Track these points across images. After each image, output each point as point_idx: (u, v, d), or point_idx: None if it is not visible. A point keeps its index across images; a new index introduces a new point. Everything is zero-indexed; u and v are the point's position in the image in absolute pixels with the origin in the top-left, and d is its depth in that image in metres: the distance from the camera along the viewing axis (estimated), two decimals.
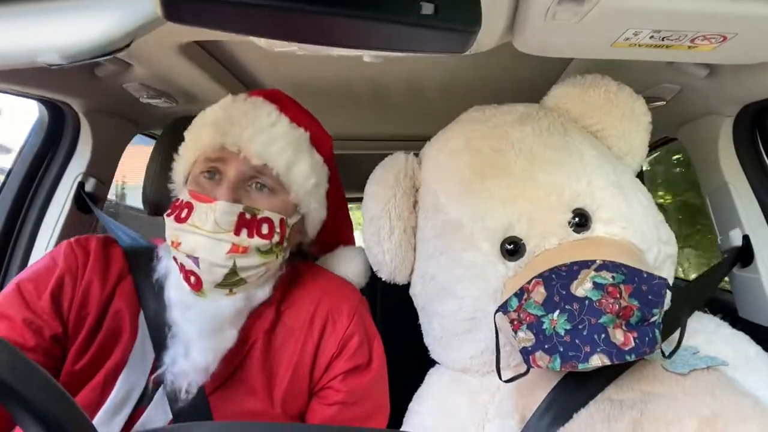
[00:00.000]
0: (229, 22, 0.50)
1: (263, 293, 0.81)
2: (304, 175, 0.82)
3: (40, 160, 1.17)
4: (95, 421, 0.72)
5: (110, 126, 1.23)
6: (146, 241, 0.88)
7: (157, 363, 0.76)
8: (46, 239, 1.13)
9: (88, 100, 1.14)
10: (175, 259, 0.77)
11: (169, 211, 0.78)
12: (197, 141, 0.81)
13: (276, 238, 0.78)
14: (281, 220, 0.79)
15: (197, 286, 0.75)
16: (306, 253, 0.96)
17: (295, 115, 0.84)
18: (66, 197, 1.17)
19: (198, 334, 0.74)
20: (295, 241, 0.87)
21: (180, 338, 0.75)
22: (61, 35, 0.58)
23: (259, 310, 0.82)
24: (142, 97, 1.14)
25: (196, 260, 0.73)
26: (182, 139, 0.85)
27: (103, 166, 1.24)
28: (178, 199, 0.79)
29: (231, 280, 0.75)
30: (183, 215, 0.75)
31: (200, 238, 0.73)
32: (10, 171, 1.17)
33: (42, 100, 1.12)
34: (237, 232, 0.74)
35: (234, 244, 0.73)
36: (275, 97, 0.86)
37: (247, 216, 0.75)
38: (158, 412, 0.75)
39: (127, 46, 0.61)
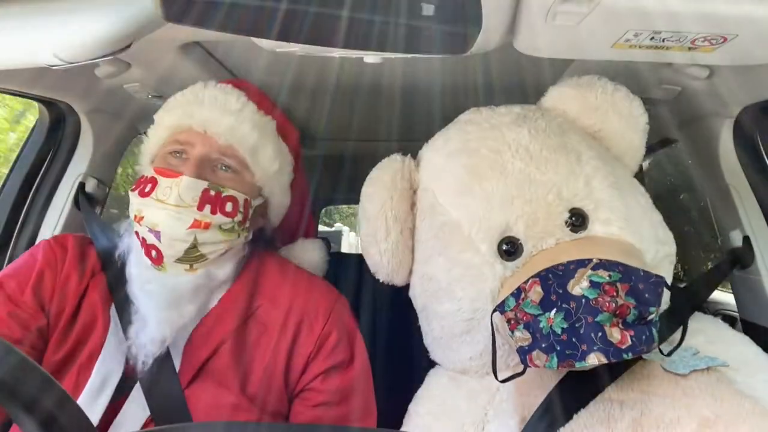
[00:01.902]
0: (229, 22, 0.50)
1: (223, 273, 0.83)
2: (268, 158, 0.85)
3: (41, 160, 1.18)
4: None
5: (111, 126, 1.23)
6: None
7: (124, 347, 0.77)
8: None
9: (89, 101, 1.14)
10: (137, 234, 0.78)
11: (133, 186, 0.80)
12: (166, 121, 0.84)
13: (239, 217, 0.80)
14: (245, 201, 0.81)
15: (158, 260, 0.77)
16: (269, 241, 0.97)
17: (262, 103, 0.88)
18: (66, 197, 1.17)
19: (155, 306, 0.76)
20: (257, 225, 0.89)
21: (140, 312, 0.77)
22: (62, 36, 0.58)
23: (230, 298, 0.82)
24: (143, 97, 1.14)
25: (157, 234, 0.75)
26: None
27: (104, 167, 1.24)
28: (143, 175, 0.81)
29: (191, 255, 0.77)
30: (147, 190, 0.77)
31: (163, 212, 0.75)
32: (11, 171, 1.17)
33: (43, 101, 1.12)
34: (200, 208, 0.76)
35: (196, 220, 0.75)
36: (243, 86, 0.89)
37: (212, 192, 0.77)
38: (135, 407, 0.76)
39: (128, 46, 0.61)
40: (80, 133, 1.19)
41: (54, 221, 1.16)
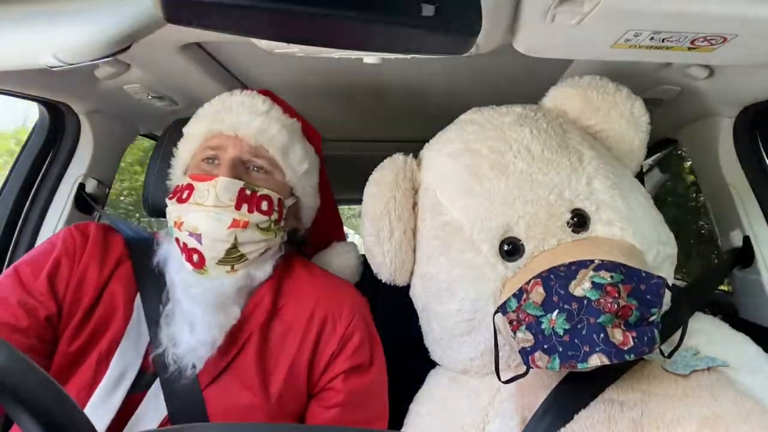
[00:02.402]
0: (229, 23, 0.50)
1: (263, 273, 0.84)
2: (298, 158, 0.87)
3: (41, 161, 1.18)
4: (90, 402, 0.73)
5: (111, 127, 1.23)
6: (148, 234, 0.91)
7: (153, 345, 0.77)
8: None
9: (89, 102, 1.14)
10: (177, 240, 0.79)
11: (170, 195, 0.82)
12: (196, 130, 0.86)
13: (275, 216, 0.82)
14: (279, 200, 0.83)
15: (200, 263, 0.78)
16: (299, 243, 0.98)
17: (286, 108, 0.90)
18: (66, 198, 1.17)
19: (202, 310, 0.77)
20: (290, 225, 0.90)
21: (184, 316, 0.77)
22: (61, 37, 0.58)
23: (256, 299, 0.83)
24: (143, 98, 1.14)
25: (198, 237, 0.76)
26: None
27: (104, 168, 1.24)
28: (179, 185, 0.82)
29: (232, 256, 0.78)
30: (185, 196, 0.79)
31: (202, 215, 0.76)
32: (11, 172, 1.17)
33: (43, 102, 1.12)
34: (238, 207, 0.77)
35: (235, 219, 0.77)
36: (267, 93, 0.92)
37: (248, 192, 0.79)
38: (153, 404, 0.76)
39: (128, 47, 0.61)
40: (80, 134, 1.19)
41: (54, 222, 1.16)
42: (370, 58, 0.86)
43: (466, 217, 0.80)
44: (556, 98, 0.91)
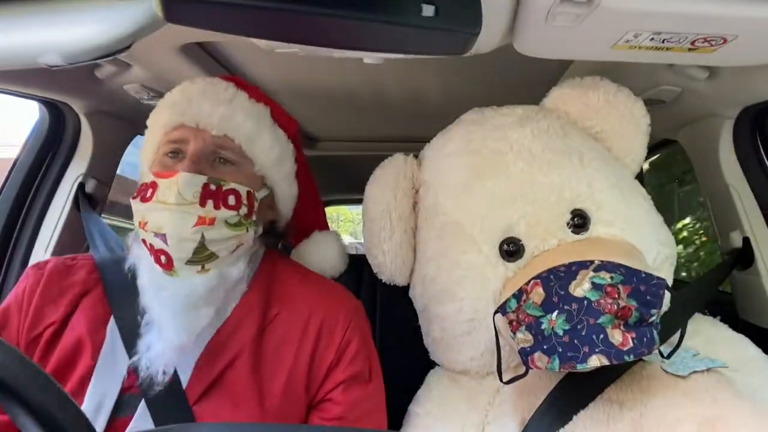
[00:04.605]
0: (229, 23, 0.50)
1: (237, 271, 0.79)
2: (266, 146, 0.83)
3: (41, 161, 1.17)
4: None
5: (111, 127, 1.23)
6: (124, 249, 0.87)
7: (131, 362, 0.74)
8: (46, 240, 1.13)
9: (89, 101, 1.14)
10: (144, 241, 0.76)
11: (134, 194, 0.77)
12: (157, 123, 0.82)
13: (244, 210, 0.77)
14: (248, 193, 0.79)
15: (168, 265, 0.74)
16: (281, 236, 0.94)
17: (253, 93, 0.86)
18: (66, 198, 1.17)
19: (171, 313, 0.73)
20: (267, 217, 0.87)
21: (154, 323, 0.74)
22: (62, 37, 0.58)
23: (243, 310, 0.80)
24: (143, 98, 1.14)
25: (163, 237, 0.72)
26: None
27: (104, 168, 1.24)
28: (144, 182, 0.78)
29: (201, 255, 0.74)
30: (148, 195, 0.74)
31: (166, 214, 0.72)
32: (10, 171, 1.17)
33: (43, 101, 1.12)
34: (202, 204, 0.73)
35: (200, 217, 0.72)
36: (232, 78, 0.87)
37: (212, 187, 0.74)
38: (141, 425, 0.73)
39: (128, 47, 0.61)
40: (80, 134, 1.19)
41: (54, 222, 1.16)
42: (370, 58, 0.86)
43: (467, 217, 0.80)
44: (556, 99, 0.91)
